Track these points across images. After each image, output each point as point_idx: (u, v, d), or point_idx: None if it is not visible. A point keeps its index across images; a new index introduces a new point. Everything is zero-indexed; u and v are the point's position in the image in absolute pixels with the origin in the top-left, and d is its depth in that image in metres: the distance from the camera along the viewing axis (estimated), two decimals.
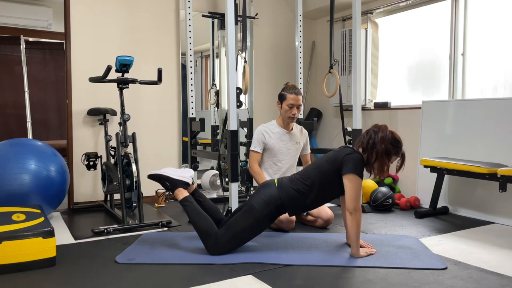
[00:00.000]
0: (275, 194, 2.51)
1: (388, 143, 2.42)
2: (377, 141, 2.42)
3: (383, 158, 2.42)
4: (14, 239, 2.23)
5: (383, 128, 2.46)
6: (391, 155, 2.44)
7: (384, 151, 2.41)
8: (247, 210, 2.51)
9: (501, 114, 3.42)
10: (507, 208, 3.34)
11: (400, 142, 2.47)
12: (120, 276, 2.18)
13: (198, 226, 2.52)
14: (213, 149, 4.56)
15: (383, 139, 2.42)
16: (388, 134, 2.44)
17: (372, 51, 4.69)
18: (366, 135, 2.49)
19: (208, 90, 4.87)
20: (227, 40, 3.21)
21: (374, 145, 2.43)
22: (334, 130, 5.16)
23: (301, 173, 2.61)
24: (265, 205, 2.48)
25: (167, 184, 2.70)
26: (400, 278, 2.15)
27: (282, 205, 2.51)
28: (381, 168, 2.45)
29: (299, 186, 2.52)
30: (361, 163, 2.45)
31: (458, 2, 3.95)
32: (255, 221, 2.48)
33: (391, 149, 2.42)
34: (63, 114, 4.71)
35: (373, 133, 2.46)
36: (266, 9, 5.01)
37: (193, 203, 2.61)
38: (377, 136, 2.43)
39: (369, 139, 2.46)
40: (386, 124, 2.51)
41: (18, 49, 5.56)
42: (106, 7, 4.04)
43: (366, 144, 2.46)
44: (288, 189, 2.52)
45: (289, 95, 3.16)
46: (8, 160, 3.01)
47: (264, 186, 2.59)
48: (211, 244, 2.47)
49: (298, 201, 2.52)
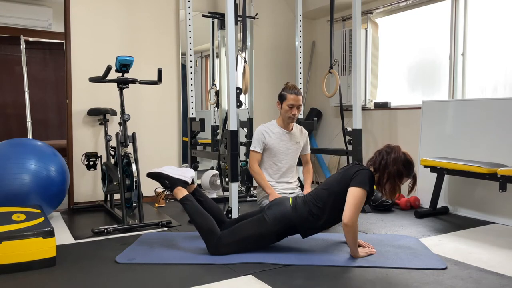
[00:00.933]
0: (288, 213, 2.48)
1: (401, 164, 2.38)
2: (389, 162, 2.38)
3: (395, 180, 2.38)
4: (14, 239, 2.22)
5: (396, 149, 2.42)
6: (403, 177, 2.41)
7: (396, 172, 2.37)
8: (257, 221, 2.49)
9: (501, 114, 3.42)
10: (507, 208, 3.34)
11: (413, 164, 2.43)
12: (120, 276, 2.17)
13: (199, 225, 2.51)
14: (213, 149, 4.56)
15: (395, 160, 2.38)
16: (401, 155, 2.40)
17: (372, 51, 4.69)
18: (379, 155, 2.44)
19: (208, 90, 4.87)
20: (227, 40, 3.21)
21: (386, 166, 2.39)
22: (334, 130, 5.16)
23: (313, 193, 2.55)
24: (277, 222, 2.46)
25: (166, 182, 2.67)
26: (400, 278, 2.15)
27: (294, 226, 2.49)
28: (392, 190, 2.40)
29: (312, 208, 2.47)
30: (370, 179, 2.40)
31: (458, 2, 3.96)
32: (263, 235, 2.47)
33: (403, 170, 2.39)
34: (63, 114, 4.71)
35: (385, 153, 2.42)
36: (266, 9, 5.01)
37: (193, 202, 2.59)
38: (390, 157, 2.39)
39: (381, 159, 2.42)
40: (399, 145, 2.47)
41: (18, 49, 5.56)
42: (106, 7, 4.04)
43: (378, 165, 2.42)
44: (302, 210, 2.48)
45: (289, 95, 3.16)
46: (8, 160, 3.01)
47: (279, 203, 2.54)
48: (212, 244, 2.46)
49: (311, 223, 2.48)
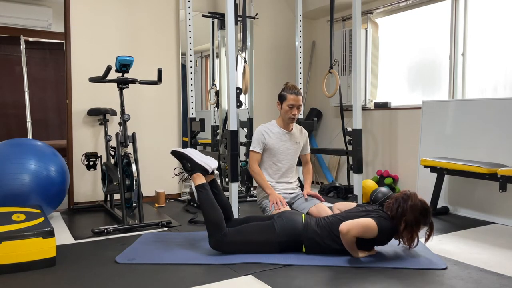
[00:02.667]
0: (298, 230, 2.47)
1: (418, 212, 2.38)
2: (406, 209, 2.37)
3: (413, 228, 2.38)
4: (14, 239, 2.22)
5: (413, 197, 2.41)
6: (420, 225, 2.41)
7: (413, 220, 2.37)
8: (265, 227, 2.48)
9: (501, 114, 3.42)
10: (507, 208, 3.34)
11: (430, 212, 2.42)
12: (120, 276, 2.17)
13: (208, 216, 2.49)
14: (213, 149, 4.56)
15: (412, 208, 2.38)
16: (418, 203, 2.39)
17: (372, 51, 4.69)
18: (395, 202, 2.43)
19: (208, 90, 4.87)
20: (227, 40, 3.21)
21: (403, 214, 2.38)
22: (334, 130, 5.16)
23: (329, 221, 2.48)
24: (284, 234, 2.45)
25: (188, 165, 2.64)
26: (400, 278, 2.15)
27: (300, 242, 2.48)
28: (410, 238, 2.40)
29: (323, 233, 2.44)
30: (386, 226, 2.37)
31: (458, 2, 3.95)
32: (268, 242, 2.46)
33: (420, 218, 2.39)
34: (63, 114, 4.71)
35: (402, 200, 2.41)
36: (266, 9, 5.01)
37: (209, 191, 2.56)
38: (407, 204, 2.38)
39: (398, 206, 2.40)
40: (416, 192, 2.46)
41: (18, 49, 5.56)
42: (106, 7, 4.04)
43: (395, 212, 2.40)
44: (312, 232, 2.46)
45: (289, 95, 3.15)
46: (8, 160, 3.01)
47: (291, 217, 2.52)
48: (216, 238, 2.45)
49: (319, 246, 2.46)
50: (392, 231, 2.42)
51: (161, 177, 4.27)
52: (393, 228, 2.41)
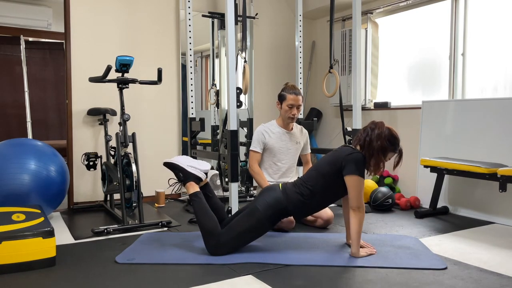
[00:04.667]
0: (279, 197, 2.50)
1: (385, 140, 2.41)
2: (373, 138, 2.41)
3: (379, 155, 2.41)
4: (14, 239, 2.22)
5: (379, 125, 2.45)
6: (387, 152, 2.43)
7: (380, 148, 2.40)
8: (249, 212, 2.50)
9: (501, 114, 3.42)
10: (507, 208, 3.34)
11: (397, 139, 2.46)
12: (120, 276, 2.17)
13: (203, 224, 2.50)
14: (213, 149, 4.56)
15: (379, 136, 2.41)
16: (384, 130, 2.43)
17: (372, 51, 4.69)
18: (363, 132, 2.48)
19: (208, 90, 4.87)
20: (227, 40, 3.21)
21: (370, 142, 2.42)
22: (334, 130, 5.16)
23: (304, 177, 2.59)
24: (268, 208, 2.47)
25: (180, 175, 2.66)
26: (400, 278, 2.15)
27: (286, 209, 2.50)
28: (377, 165, 2.44)
29: (302, 190, 2.51)
30: (362, 163, 2.44)
31: (458, 2, 3.95)
32: (257, 223, 2.48)
33: (387, 146, 2.41)
34: (63, 114, 4.71)
35: (370, 130, 2.45)
36: (266, 9, 5.01)
37: (202, 200, 2.58)
38: (374, 133, 2.42)
39: (365, 136, 2.45)
40: (383, 121, 2.49)
41: (18, 49, 5.56)
42: (106, 7, 4.04)
43: (363, 142, 2.45)
44: (292, 193, 2.51)
45: (289, 95, 3.16)
46: (8, 160, 3.01)
47: (268, 189, 2.58)
48: (212, 244, 2.46)
49: (302, 205, 2.51)
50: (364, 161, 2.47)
51: (161, 177, 4.27)
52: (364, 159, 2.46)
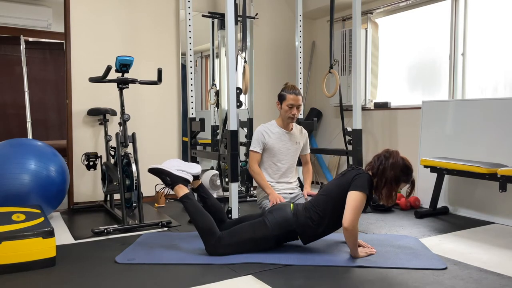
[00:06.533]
0: (289, 219, 2.48)
1: (399, 170, 2.38)
2: (387, 167, 2.37)
3: (392, 185, 2.38)
4: (14, 239, 2.22)
5: (394, 154, 2.41)
6: (400, 182, 2.40)
7: (393, 177, 2.37)
8: (257, 224, 2.49)
9: (501, 114, 3.42)
10: (507, 208, 3.34)
11: (411, 169, 2.42)
12: (120, 276, 2.17)
13: (198, 224, 2.50)
14: (213, 149, 4.56)
15: (393, 165, 2.38)
16: (399, 160, 2.39)
17: (372, 51, 4.69)
18: (377, 160, 2.44)
19: (208, 90, 4.87)
20: (227, 40, 3.21)
21: (384, 171, 2.38)
22: (334, 130, 5.16)
23: (313, 200, 2.55)
24: (277, 227, 2.47)
25: (168, 179, 2.63)
26: (400, 278, 2.15)
27: (294, 231, 2.49)
28: (389, 195, 2.40)
29: (312, 214, 2.47)
30: (369, 183, 2.39)
31: (458, 2, 3.96)
32: (263, 238, 2.47)
33: (401, 176, 2.38)
34: (63, 114, 4.71)
35: (384, 158, 2.41)
36: (266, 9, 5.01)
37: (194, 200, 2.57)
38: (388, 162, 2.39)
39: (379, 164, 2.41)
40: (397, 150, 2.46)
41: (18, 49, 5.56)
42: (106, 7, 4.04)
43: (376, 169, 2.41)
44: (302, 217, 2.48)
45: (289, 95, 3.16)
46: (8, 160, 3.01)
47: (280, 208, 2.54)
48: (211, 244, 2.46)
49: (311, 230, 2.48)
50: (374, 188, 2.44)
51: None
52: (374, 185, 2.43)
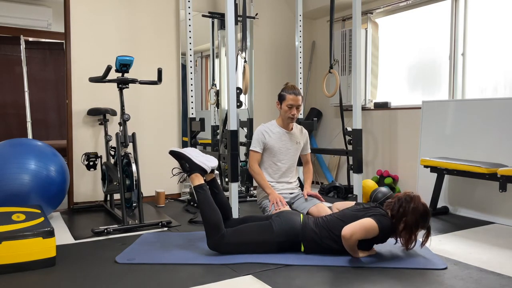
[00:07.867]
0: (297, 230, 2.47)
1: (419, 215, 2.39)
2: (408, 211, 2.38)
3: (412, 229, 2.39)
4: (14, 239, 2.22)
5: (416, 200, 2.41)
6: (419, 228, 2.41)
7: (414, 222, 2.38)
8: (264, 227, 2.48)
9: (501, 114, 3.42)
10: (507, 208, 3.34)
11: (430, 216, 2.44)
12: (120, 276, 2.17)
13: (207, 217, 2.48)
14: (213, 149, 4.56)
15: (414, 210, 2.38)
16: (420, 206, 2.40)
17: (372, 51, 4.69)
18: (398, 201, 2.43)
19: (208, 90, 4.87)
20: (227, 40, 3.21)
21: (404, 214, 2.38)
22: (334, 130, 5.16)
23: (327, 220, 2.51)
24: (283, 234, 2.46)
25: (186, 165, 2.62)
26: (400, 278, 2.15)
27: (299, 243, 2.48)
28: (409, 239, 2.41)
29: (322, 233, 2.44)
30: (386, 225, 2.38)
31: (458, 2, 3.95)
32: (266, 242, 2.47)
33: (420, 221, 2.39)
34: (63, 114, 4.71)
35: (405, 201, 2.41)
36: (266, 9, 5.01)
37: (207, 192, 2.55)
38: (409, 206, 2.39)
39: (399, 206, 2.40)
40: (419, 195, 2.45)
41: (18, 49, 5.56)
42: (106, 7, 4.04)
43: (397, 211, 2.41)
44: (311, 232, 2.46)
45: (289, 95, 3.15)
46: (8, 160, 3.01)
47: (289, 216, 2.52)
48: (214, 240, 2.45)
49: (318, 246, 2.47)
50: (391, 229, 2.42)
51: (161, 177, 4.27)
52: (392, 227, 2.42)
